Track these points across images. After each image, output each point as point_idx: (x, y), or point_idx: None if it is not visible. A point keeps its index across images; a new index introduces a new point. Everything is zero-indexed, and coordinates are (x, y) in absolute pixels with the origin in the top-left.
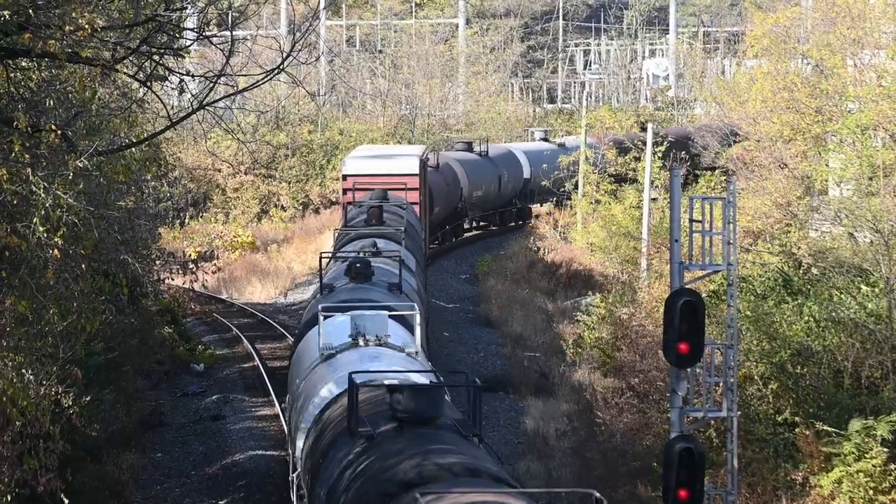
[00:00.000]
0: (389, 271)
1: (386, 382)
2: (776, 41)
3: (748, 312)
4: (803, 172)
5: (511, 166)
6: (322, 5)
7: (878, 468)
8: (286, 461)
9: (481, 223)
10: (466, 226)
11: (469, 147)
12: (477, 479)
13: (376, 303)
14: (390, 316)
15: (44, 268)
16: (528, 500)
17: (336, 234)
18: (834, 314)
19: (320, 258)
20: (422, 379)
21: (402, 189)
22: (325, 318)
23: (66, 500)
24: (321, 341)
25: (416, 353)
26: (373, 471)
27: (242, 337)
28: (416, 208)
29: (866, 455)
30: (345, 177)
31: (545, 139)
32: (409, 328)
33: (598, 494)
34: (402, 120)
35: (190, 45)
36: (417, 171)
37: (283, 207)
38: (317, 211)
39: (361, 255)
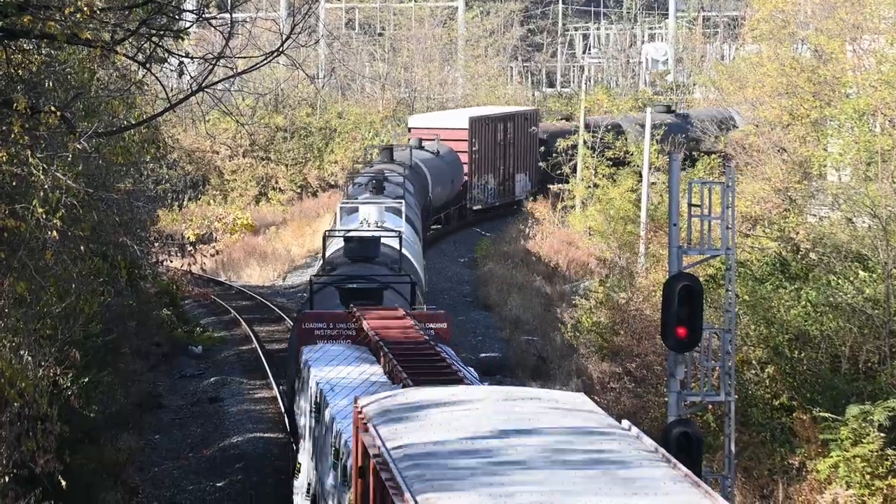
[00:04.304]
0: (396, 189)
1: (346, 235)
2: (776, 26)
3: (746, 297)
4: (802, 157)
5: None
6: None
7: (875, 453)
8: (284, 443)
9: None
10: None
11: (668, 109)
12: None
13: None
14: (389, 209)
15: (42, 249)
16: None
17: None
18: (832, 299)
19: (347, 177)
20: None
21: (435, 140)
22: (348, 213)
23: (64, 482)
24: (340, 225)
25: (401, 231)
26: (327, 278)
27: (241, 319)
28: (465, 155)
29: (863, 440)
30: (409, 129)
31: None
32: (410, 221)
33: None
34: (401, 103)
35: (189, 27)
36: (466, 127)
37: (281, 190)
38: (315, 194)
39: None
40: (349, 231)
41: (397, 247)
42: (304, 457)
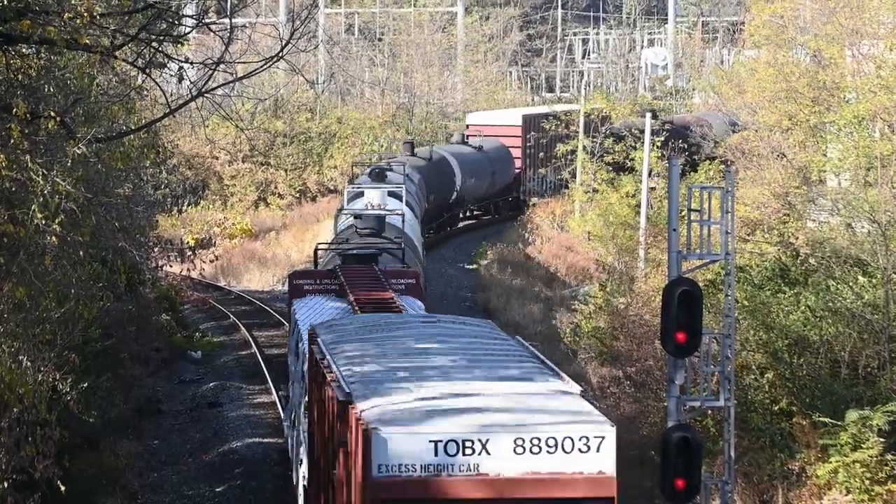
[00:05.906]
0: (398, 176)
1: (354, 213)
2: (775, 31)
3: (745, 302)
4: (801, 162)
5: None
6: None
7: (875, 458)
8: (283, 448)
9: None
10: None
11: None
12: (380, 254)
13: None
14: (390, 193)
15: (42, 254)
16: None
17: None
18: (831, 304)
19: (352, 166)
20: (380, 213)
21: (478, 135)
22: (353, 196)
23: (63, 487)
24: (348, 206)
25: (403, 212)
26: (338, 250)
27: (240, 324)
28: (518, 150)
29: (863, 445)
30: (467, 125)
31: None
32: (409, 205)
33: None
34: (401, 108)
35: (189, 33)
36: (519, 123)
37: (280, 195)
38: (314, 199)
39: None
40: (359, 211)
41: (399, 224)
42: (290, 388)
